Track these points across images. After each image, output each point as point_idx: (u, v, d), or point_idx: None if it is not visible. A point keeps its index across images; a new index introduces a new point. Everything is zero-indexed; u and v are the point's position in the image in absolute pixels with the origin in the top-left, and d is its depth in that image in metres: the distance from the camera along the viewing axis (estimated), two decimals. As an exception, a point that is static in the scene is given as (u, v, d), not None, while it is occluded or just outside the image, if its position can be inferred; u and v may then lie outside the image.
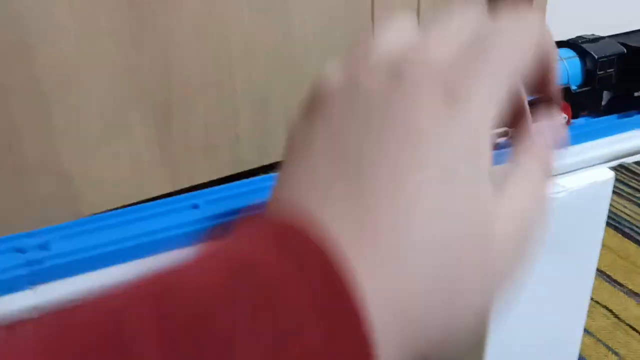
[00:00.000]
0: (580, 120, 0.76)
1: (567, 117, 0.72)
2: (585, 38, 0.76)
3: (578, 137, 0.69)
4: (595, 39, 0.76)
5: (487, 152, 0.24)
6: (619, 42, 0.77)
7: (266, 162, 1.16)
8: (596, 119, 0.76)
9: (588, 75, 0.74)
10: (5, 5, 0.99)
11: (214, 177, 1.11)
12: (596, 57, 0.73)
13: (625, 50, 0.75)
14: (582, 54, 0.74)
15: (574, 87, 0.74)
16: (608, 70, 0.74)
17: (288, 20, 1.26)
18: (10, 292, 0.47)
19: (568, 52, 0.75)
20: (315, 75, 0.30)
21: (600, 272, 0.75)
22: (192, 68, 1.18)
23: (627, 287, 0.73)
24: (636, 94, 0.76)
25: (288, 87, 1.32)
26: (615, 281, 0.74)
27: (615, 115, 0.77)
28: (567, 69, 0.74)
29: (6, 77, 1.01)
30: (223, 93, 1.24)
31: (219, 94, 1.23)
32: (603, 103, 0.79)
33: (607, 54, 0.74)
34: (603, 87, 0.75)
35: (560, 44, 0.78)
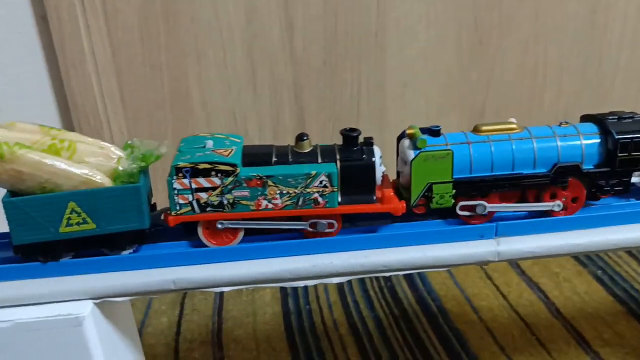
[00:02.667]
0: (604, 202, 0.68)
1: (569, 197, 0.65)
2: (618, 115, 0.65)
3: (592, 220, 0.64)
4: (629, 117, 0.65)
5: None
6: None
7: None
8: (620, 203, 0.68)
9: (609, 156, 0.63)
10: (365, 11, 1.17)
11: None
12: (616, 137, 0.62)
13: None
14: (605, 132, 0.64)
15: (589, 166, 0.64)
16: (634, 153, 0.63)
17: (604, 47, 1.31)
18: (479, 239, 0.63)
19: (589, 128, 0.65)
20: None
21: None
22: (510, 83, 1.30)
23: None
24: None
25: (591, 105, 1.37)
26: None
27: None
28: (582, 146, 0.64)
29: (361, 70, 1.21)
30: (532, 106, 1.34)
31: (528, 107, 1.34)
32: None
33: (631, 136, 0.63)
34: (627, 170, 0.64)
35: (586, 118, 0.68)
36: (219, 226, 0.61)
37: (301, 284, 0.62)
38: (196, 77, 1.15)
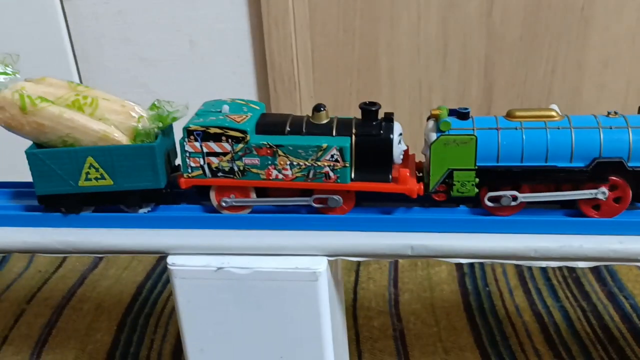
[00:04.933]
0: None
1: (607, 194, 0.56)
2: None
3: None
4: None
5: None
6: None
7: None
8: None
9: None
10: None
11: None
12: None
13: None
14: None
15: (636, 164, 0.56)
16: None
17: None
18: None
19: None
20: None
21: None
22: None
23: None
24: None
25: None
26: None
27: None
28: (629, 141, 0.56)
29: (560, 47, 1.14)
30: None
31: None
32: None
33: None
34: None
35: None
36: (223, 204, 0.61)
37: (543, 264, 0.58)
38: (386, 44, 1.13)
